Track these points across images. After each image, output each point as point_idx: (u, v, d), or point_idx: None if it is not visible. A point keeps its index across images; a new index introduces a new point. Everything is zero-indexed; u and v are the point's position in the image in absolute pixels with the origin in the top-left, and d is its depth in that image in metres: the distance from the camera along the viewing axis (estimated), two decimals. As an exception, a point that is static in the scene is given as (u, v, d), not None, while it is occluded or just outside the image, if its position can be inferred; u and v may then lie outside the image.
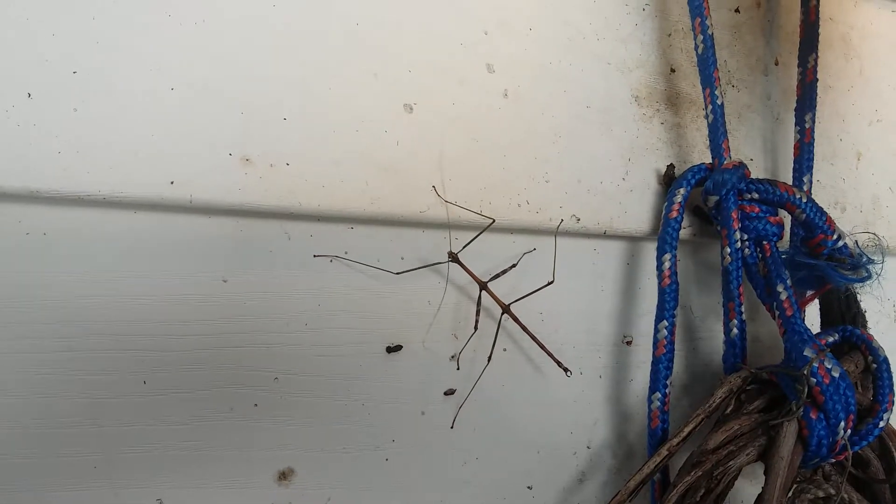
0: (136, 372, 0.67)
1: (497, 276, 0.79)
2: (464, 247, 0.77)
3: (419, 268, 0.76)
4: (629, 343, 0.91)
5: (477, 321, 0.78)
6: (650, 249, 0.92)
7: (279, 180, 0.69)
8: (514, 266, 0.80)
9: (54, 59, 0.62)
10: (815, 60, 0.98)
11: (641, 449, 0.91)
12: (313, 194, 0.70)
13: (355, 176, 0.72)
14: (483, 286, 0.78)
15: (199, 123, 0.66)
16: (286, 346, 0.72)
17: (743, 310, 0.86)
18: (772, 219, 0.87)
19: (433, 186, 0.76)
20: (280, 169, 0.69)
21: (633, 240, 0.91)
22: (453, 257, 0.76)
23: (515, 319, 0.80)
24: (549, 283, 0.81)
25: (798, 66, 0.99)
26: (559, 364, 0.80)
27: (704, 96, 0.89)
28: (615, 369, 0.90)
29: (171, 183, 0.65)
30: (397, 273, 0.75)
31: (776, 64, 1.05)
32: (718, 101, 0.88)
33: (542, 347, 0.80)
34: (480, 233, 0.77)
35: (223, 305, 0.70)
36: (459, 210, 0.77)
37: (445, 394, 0.80)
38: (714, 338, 0.97)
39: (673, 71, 0.95)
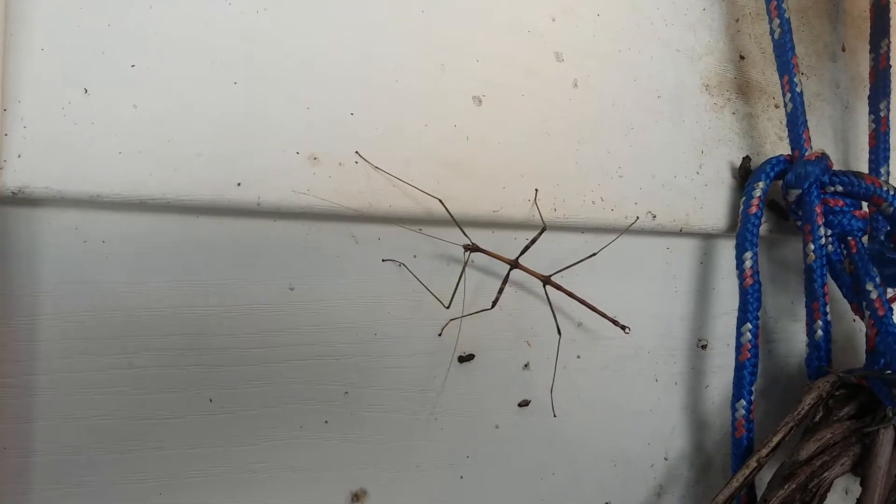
0: (200, 389, 0.62)
1: (562, 270, 0.74)
2: (521, 253, 0.72)
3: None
4: (704, 347, 0.86)
5: (498, 299, 0.71)
6: (724, 247, 0.87)
7: (348, 180, 0.64)
8: (584, 259, 0.75)
9: (111, 52, 0.57)
10: (888, 45, 0.93)
11: (720, 459, 0.86)
12: (383, 194, 0.65)
13: (426, 174, 0.68)
14: (514, 264, 0.72)
15: (264, 120, 0.61)
16: (356, 358, 0.67)
17: (828, 310, 0.81)
18: (857, 213, 0.82)
19: (536, 190, 0.72)
20: (349, 168, 0.64)
21: (706, 237, 0.86)
22: (472, 247, 0.70)
23: (559, 287, 0.74)
24: (593, 255, 0.75)
25: (870, 52, 0.94)
26: (615, 323, 0.75)
27: (782, 83, 0.84)
28: (691, 375, 0.85)
29: (238, 185, 0.60)
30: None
31: (843, 50, 1.00)
32: (798, 89, 0.83)
33: (595, 310, 0.75)
34: (535, 239, 0.72)
35: (290, 315, 0.65)
36: (529, 208, 0.72)
37: (519, 405, 0.75)
38: (790, 339, 0.93)
39: (742, 58, 0.90)
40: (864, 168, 0.93)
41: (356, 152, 0.65)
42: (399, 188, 0.66)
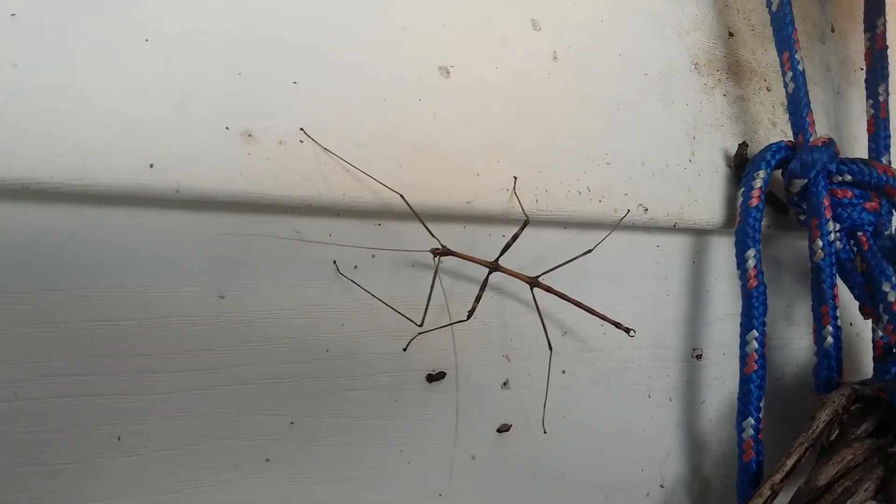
0: (105, 425, 0.49)
1: (551, 269, 0.63)
2: (501, 252, 0.61)
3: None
4: (699, 357, 0.76)
5: (475, 308, 0.60)
6: (718, 244, 0.78)
7: (291, 163, 0.52)
8: (578, 257, 0.64)
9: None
10: (885, 24, 0.85)
11: (718, 483, 0.77)
12: (335, 181, 0.54)
13: (385, 156, 0.56)
14: (493, 266, 0.61)
15: (184, 86, 0.49)
16: (304, 381, 0.55)
17: (839, 314, 0.72)
18: (867, 205, 0.73)
19: (515, 178, 0.61)
20: (292, 148, 0.52)
21: (698, 233, 0.76)
22: (441, 251, 0.59)
23: (549, 290, 0.63)
24: (588, 252, 0.65)
25: (865, 32, 0.86)
26: (619, 326, 0.65)
27: (781, 61, 0.75)
28: (685, 389, 0.75)
29: (151, 166, 0.47)
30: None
31: (832, 31, 0.92)
32: (800, 67, 0.73)
33: (594, 312, 0.64)
34: (517, 235, 0.61)
35: (219, 329, 0.52)
36: (507, 199, 0.61)
37: (499, 431, 0.64)
38: (786, 346, 0.84)
39: (731, 35, 0.81)
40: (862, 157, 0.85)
41: (301, 129, 0.53)
42: (354, 174, 0.54)
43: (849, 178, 0.72)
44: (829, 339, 0.72)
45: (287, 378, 0.55)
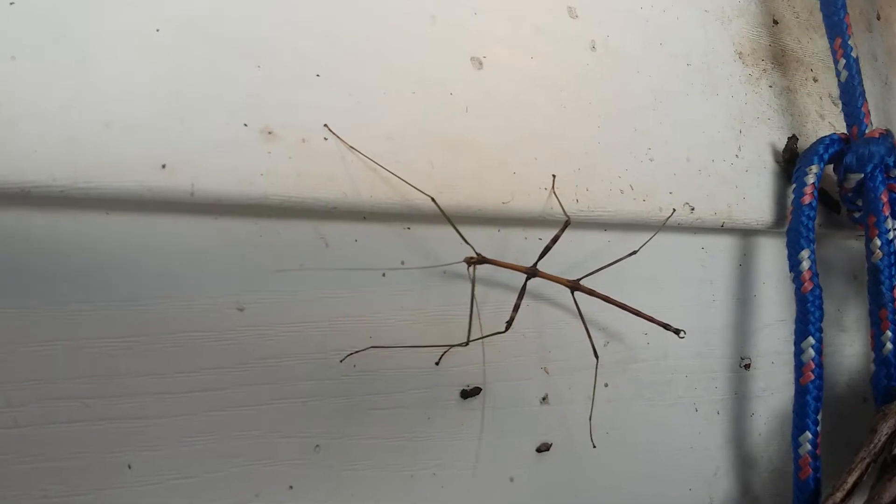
0: (116, 452, 0.45)
1: (593, 272, 0.58)
2: (540, 257, 0.56)
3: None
4: (747, 367, 0.71)
5: (513, 318, 0.55)
6: (765, 246, 0.74)
7: (314, 162, 0.48)
8: (622, 259, 0.59)
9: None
10: (937, 9, 0.80)
11: (770, 503, 0.71)
12: (361, 181, 0.49)
13: (416, 155, 0.52)
14: (532, 272, 0.57)
15: (199, 79, 0.45)
16: (329, 399, 0.51)
17: (902, 318, 0.67)
18: (927, 201, 0.68)
19: (553, 176, 0.57)
20: (315, 146, 0.48)
21: (744, 234, 0.72)
22: (476, 260, 0.54)
23: (592, 293, 0.58)
24: (633, 254, 0.60)
25: (916, 17, 0.81)
26: (667, 328, 0.60)
27: (833, 48, 0.70)
28: (734, 402, 0.70)
29: (163, 167, 0.43)
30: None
31: (878, 18, 0.87)
32: (853, 54, 0.69)
33: (640, 314, 0.59)
34: (558, 236, 0.57)
35: (238, 344, 0.48)
36: (545, 198, 0.56)
37: (538, 450, 0.59)
38: (835, 353, 0.79)
39: (776, 22, 0.76)
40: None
41: (325, 126, 0.48)
42: (381, 174, 0.50)
43: (908, 172, 0.67)
44: (889, 346, 0.67)
45: (311, 397, 0.50)
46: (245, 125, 0.46)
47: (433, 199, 0.50)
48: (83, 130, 0.41)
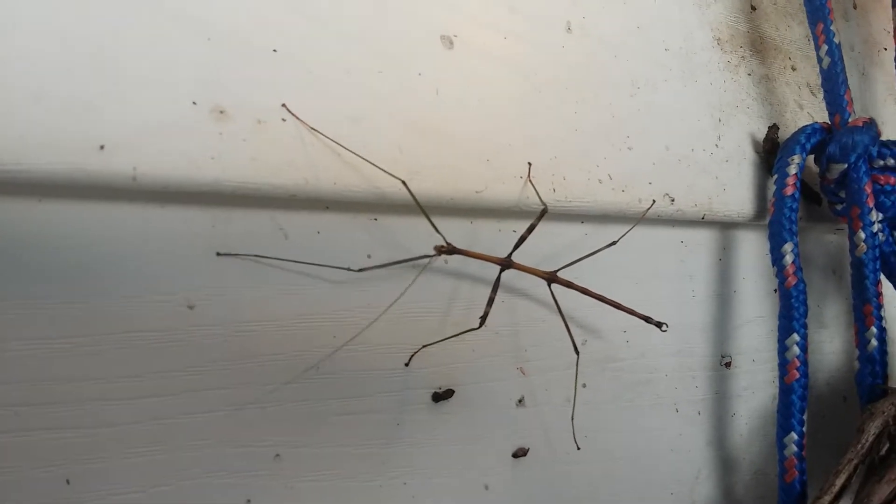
0: (52, 466, 0.40)
1: (571, 263, 0.55)
2: (515, 246, 0.53)
3: (387, 265, 0.50)
4: (728, 365, 0.69)
5: (487, 313, 0.51)
6: (744, 239, 0.71)
7: (272, 145, 0.43)
8: (601, 249, 0.56)
9: None
10: (916, -2, 0.78)
11: (752, 505, 0.69)
12: (324, 167, 0.45)
13: (383, 139, 0.48)
14: (506, 263, 0.53)
15: (143, 51, 0.40)
16: (290, 405, 0.47)
17: (884, 314, 0.65)
18: (911, 192, 0.66)
19: (529, 164, 0.54)
20: (273, 128, 0.44)
21: (724, 227, 0.69)
22: (447, 249, 0.50)
23: (570, 285, 0.55)
24: (612, 244, 0.57)
25: (893, 7, 0.79)
26: (649, 321, 0.56)
27: (815, 34, 0.67)
28: (714, 402, 0.68)
29: (101, 148, 0.38)
30: (358, 270, 0.49)
31: (854, 7, 0.85)
32: (835, 39, 0.66)
33: (619, 307, 0.56)
34: (534, 225, 0.53)
35: (188, 345, 0.44)
36: (520, 187, 0.53)
37: (515, 456, 0.56)
38: (816, 350, 0.76)
39: (753, 9, 0.73)
40: (894, 141, 0.78)
41: (283, 105, 0.44)
42: (346, 158, 0.46)
43: (892, 161, 0.65)
44: (874, 342, 0.64)
45: (270, 402, 0.46)
46: (194, 103, 0.41)
47: (404, 183, 0.47)
48: (8, 105, 0.36)
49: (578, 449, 0.57)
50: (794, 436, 0.61)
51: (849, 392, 0.75)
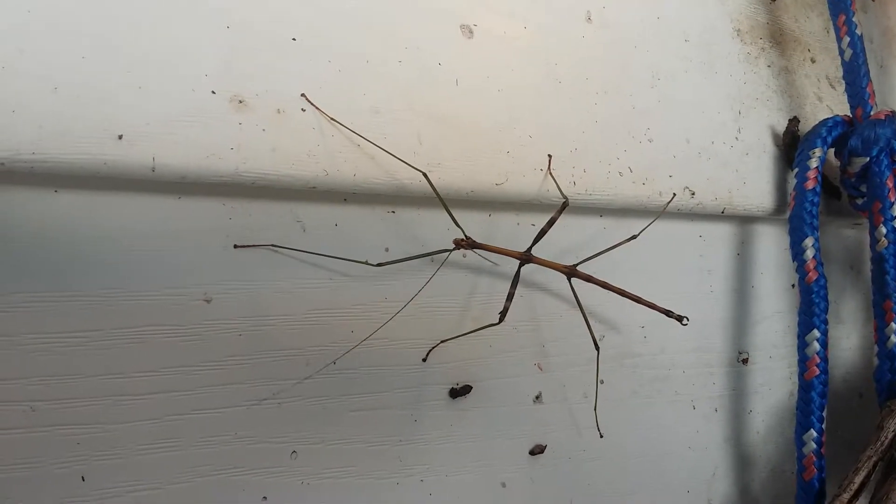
0: (67, 463, 0.39)
1: (590, 258, 0.54)
2: (535, 241, 0.52)
3: (404, 259, 0.48)
4: (745, 361, 0.68)
5: (507, 308, 0.50)
6: (763, 234, 0.70)
7: (291, 136, 0.43)
8: (621, 244, 0.55)
9: None
10: (935, -11, 0.77)
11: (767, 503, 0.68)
12: (343, 158, 0.44)
13: (402, 130, 0.47)
14: (525, 258, 0.52)
15: (160, 41, 0.39)
16: (307, 401, 0.46)
17: (905, 310, 0.64)
18: (933, 186, 0.65)
19: (549, 156, 0.53)
20: (292, 118, 0.43)
21: (742, 221, 0.68)
22: (467, 243, 0.49)
23: (590, 279, 0.54)
24: (633, 238, 0.56)
25: (913, -2, 0.78)
26: (669, 314, 0.55)
27: (837, 25, 0.66)
28: (732, 398, 0.67)
29: (119, 138, 0.38)
30: (377, 265, 0.48)
31: (873, 0, 0.83)
32: (857, 31, 0.65)
33: (640, 301, 0.55)
34: (554, 219, 0.52)
35: (205, 340, 0.43)
36: (540, 180, 0.52)
37: (532, 453, 0.55)
38: (832, 346, 0.74)
39: (773, 0, 0.72)
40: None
41: (302, 95, 0.43)
42: (366, 149, 0.45)
43: (914, 156, 0.64)
44: (893, 339, 0.63)
45: (287, 398, 0.45)
46: (213, 93, 0.40)
47: (426, 175, 0.46)
48: (27, 96, 0.35)
49: (602, 437, 0.56)
50: (814, 433, 0.60)
51: (865, 388, 0.74)
